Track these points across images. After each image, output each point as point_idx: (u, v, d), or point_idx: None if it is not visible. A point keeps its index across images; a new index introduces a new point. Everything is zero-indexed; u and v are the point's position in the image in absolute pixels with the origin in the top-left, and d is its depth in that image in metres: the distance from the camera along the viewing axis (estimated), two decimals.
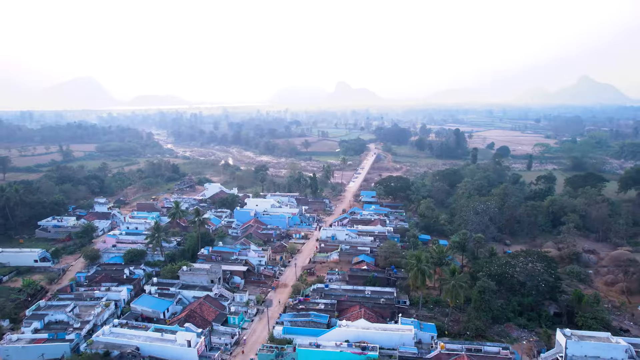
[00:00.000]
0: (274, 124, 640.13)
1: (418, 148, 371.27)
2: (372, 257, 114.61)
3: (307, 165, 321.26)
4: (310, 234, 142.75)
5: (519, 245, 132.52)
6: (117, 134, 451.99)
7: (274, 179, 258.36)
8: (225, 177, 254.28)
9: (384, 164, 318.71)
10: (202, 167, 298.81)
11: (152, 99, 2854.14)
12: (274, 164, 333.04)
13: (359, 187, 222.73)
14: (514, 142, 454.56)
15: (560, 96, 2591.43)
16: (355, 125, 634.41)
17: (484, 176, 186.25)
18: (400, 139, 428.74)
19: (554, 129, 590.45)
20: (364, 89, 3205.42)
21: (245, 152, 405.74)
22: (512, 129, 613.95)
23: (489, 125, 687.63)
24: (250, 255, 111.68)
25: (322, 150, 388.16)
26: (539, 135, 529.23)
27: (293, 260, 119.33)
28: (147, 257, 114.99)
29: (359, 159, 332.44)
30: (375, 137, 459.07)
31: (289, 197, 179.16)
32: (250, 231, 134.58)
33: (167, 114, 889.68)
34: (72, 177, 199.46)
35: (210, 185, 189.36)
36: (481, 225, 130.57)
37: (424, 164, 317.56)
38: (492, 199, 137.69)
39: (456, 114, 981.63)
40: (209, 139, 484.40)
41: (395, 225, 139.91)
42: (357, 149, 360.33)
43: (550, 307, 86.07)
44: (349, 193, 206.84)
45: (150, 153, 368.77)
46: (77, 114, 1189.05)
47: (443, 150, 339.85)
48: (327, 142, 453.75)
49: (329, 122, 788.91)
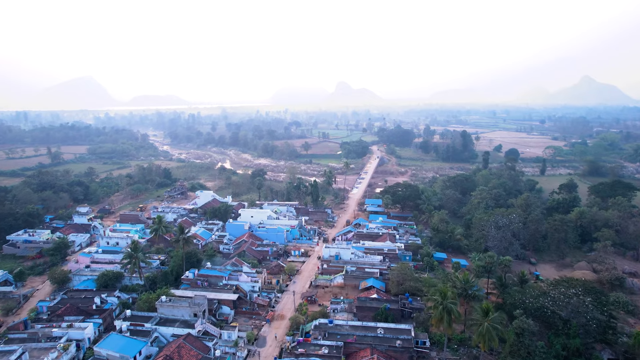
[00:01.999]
0: (274, 125, 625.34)
1: (423, 150, 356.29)
2: (383, 281, 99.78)
3: (307, 168, 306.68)
4: (311, 250, 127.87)
5: (545, 265, 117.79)
6: (111, 136, 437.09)
7: (272, 185, 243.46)
8: (221, 182, 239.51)
9: (387, 168, 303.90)
10: (197, 170, 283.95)
11: (152, 99, 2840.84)
12: (273, 167, 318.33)
13: (364, 194, 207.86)
14: (521, 144, 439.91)
15: (561, 96, 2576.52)
16: (356, 126, 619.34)
17: (499, 183, 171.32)
18: (404, 141, 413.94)
19: (561, 130, 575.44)
20: (364, 89, 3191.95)
21: (243, 154, 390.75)
22: (517, 130, 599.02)
23: (493, 127, 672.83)
24: (242, 280, 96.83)
25: (322, 152, 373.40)
26: (546, 137, 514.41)
27: (291, 284, 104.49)
28: (124, 281, 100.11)
29: (361, 162, 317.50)
30: (378, 139, 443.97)
31: (287, 206, 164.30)
32: (243, 248, 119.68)
33: (165, 115, 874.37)
34: (54, 183, 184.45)
35: (202, 193, 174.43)
36: (503, 242, 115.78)
37: (429, 168, 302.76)
38: (514, 212, 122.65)
39: (458, 114, 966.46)
40: (206, 141, 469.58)
41: (406, 241, 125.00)
42: (359, 151, 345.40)
43: (604, 352, 71.17)
44: (352, 201, 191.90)
45: (144, 155, 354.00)
46: (74, 114, 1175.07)
47: (449, 153, 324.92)
48: (328, 143, 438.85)
49: (330, 122, 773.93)
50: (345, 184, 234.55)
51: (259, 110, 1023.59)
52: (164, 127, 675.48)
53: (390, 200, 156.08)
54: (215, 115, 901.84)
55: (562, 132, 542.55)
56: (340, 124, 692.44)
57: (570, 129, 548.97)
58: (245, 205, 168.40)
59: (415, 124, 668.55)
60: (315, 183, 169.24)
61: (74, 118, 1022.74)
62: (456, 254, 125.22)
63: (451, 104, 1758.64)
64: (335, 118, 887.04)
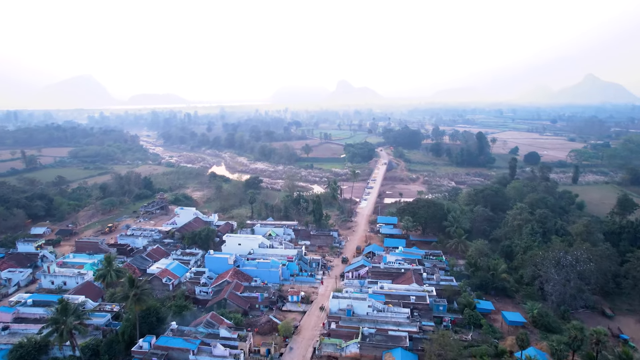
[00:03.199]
0: (273, 125, 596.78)
1: (434, 153, 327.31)
2: (415, 353, 71.29)
3: (307, 174, 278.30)
4: (314, 292, 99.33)
5: (625, 318, 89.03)
6: (98, 137, 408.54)
7: (268, 195, 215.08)
8: (210, 192, 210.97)
9: (397, 173, 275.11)
10: (186, 177, 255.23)
11: (151, 97, 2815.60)
12: (270, 173, 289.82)
13: (374, 207, 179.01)
14: (537, 145, 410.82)
15: (564, 95, 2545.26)
16: (359, 126, 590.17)
17: (538, 199, 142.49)
18: (412, 143, 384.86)
19: (575, 130, 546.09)
20: (366, 88, 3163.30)
21: (238, 157, 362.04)
22: (528, 131, 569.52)
23: (502, 126, 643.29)
24: (218, 353, 68.32)
25: (324, 155, 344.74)
26: (561, 137, 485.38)
27: (287, 352, 75.96)
28: (52, 352, 71.67)
29: (368, 168, 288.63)
30: (384, 141, 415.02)
31: (284, 227, 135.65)
32: (225, 293, 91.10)
33: (161, 114, 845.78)
34: (7, 197, 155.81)
35: (182, 210, 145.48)
36: (568, 288, 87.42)
37: (443, 174, 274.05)
38: (581, 246, 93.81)
39: (463, 113, 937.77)
40: (200, 142, 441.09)
41: (437, 282, 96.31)
42: (365, 154, 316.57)
43: None
44: (361, 217, 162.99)
45: (131, 159, 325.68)
46: (69, 113, 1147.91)
47: (464, 157, 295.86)
48: (330, 145, 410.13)
49: (332, 122, 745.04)
50: (351, 193, 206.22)
51: (258, 110, 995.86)
52: (158, 127, 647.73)
53: (410, 222, 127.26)
54: (213, 114, 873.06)
55: (577, 132, 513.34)
56: (342, 123, 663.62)
57: (586, 129, 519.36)
58: (233, 227, 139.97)
59: (421, 124, 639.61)
60: (318, 200, 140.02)
61: (68, 117, 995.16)
62: (500, 297, 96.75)
63: (454, 103, 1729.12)
64: (337, 117, 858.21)
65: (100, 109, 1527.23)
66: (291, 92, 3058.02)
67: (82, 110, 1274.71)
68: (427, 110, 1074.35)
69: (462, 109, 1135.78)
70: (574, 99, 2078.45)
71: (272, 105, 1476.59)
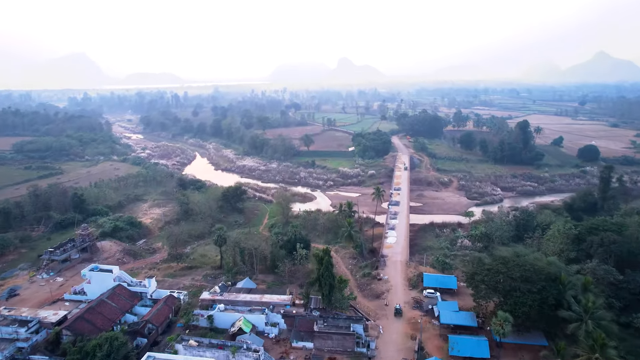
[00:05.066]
0: (269, 108, 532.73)
1: (464, 146, 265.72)
2: None
3: (308, 175, 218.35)
4: None
5: None
6: (61, 124, 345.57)
7: (251, 215, 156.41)
8: (173, 210, 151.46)
9: (422, 174, 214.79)
10: (148, 183, 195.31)
11: (147, 76, 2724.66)
12: (261, 173, 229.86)
13: (408, 242, 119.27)
14: (577, 133, 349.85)
15: (573, 73, 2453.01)
16: (367, 109, 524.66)
17: None
18: (432, 131, 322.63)
19: (610, 113, 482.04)
20: (367, 66, 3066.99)
21: (224, 150, 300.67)
22: (556, 114, 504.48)
23: (524, 109, 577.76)
24: None
25: (329, 147, 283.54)
26: (599, 122, 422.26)
27: None
28: None
29: (384, 166, 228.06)
30: (398, 128, 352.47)
31: (268, 309, 76.58)
32: None
33: (148, 95, 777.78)
34: None
35: (96, 274, 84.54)
36: None
37: (481, 174, 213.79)
38: None
39: (476, 93, 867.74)
40: (183, 129, 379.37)
41: None
42: (379, 147, 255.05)
43: None
44: (394, 268, 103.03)
45: (91, 154, 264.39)
46: (52, 94, 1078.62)
47: (505, 152, 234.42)
48: (335, 134, 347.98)
49: (334, 103, 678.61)
50: (368, 207, 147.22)
51: (254, 90, 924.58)
52: (142, 110, 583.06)
53: (508, 319, 66.65)
54: (205, 95, 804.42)
55: (617, 116, 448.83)
56: (347, 105, 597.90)
57: (627, 113, 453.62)
58: (180, 302, 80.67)
59: (435, 106, 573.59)
60: (327, 260, 77.95)
61: (51, 99, 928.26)
62: None
63: (461, 81, 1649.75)
64: (340, 98, 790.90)
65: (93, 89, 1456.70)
66: (291, 70, 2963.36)
67: (70, 91, 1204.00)
68: (436, 90, 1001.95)
69: (472, 88, 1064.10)
70: (584, 77, 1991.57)
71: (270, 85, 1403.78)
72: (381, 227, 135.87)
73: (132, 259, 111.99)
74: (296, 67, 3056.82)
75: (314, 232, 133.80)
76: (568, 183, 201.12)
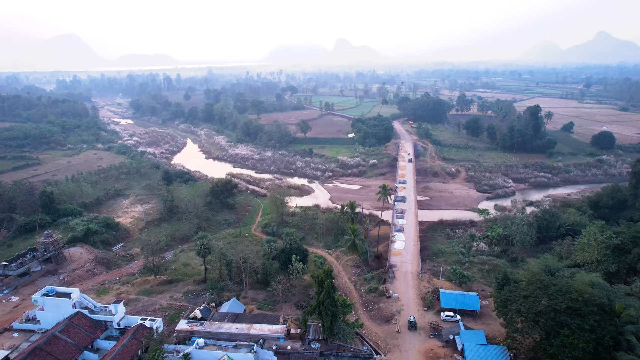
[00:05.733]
0: (264, 91, 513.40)
1: (470, 132, 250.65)
2: None
3: (305, 165, 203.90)
4: None
5: None
6: (44, 109, 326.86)
7: (243, 213, 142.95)
8: (155, 207, 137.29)
9: (426, 163, 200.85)
10: (132, 176, 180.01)
11: (141, 58, 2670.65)
12: (255, 162, 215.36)
13: (418, 246, 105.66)
14: (586, 117, 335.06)
15: (574, 54, 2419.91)
16: (366, 92, 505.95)
17: None
18: (436, 115, 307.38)
19: (618, 96, 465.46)
20: (365, 47, 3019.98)
21: (217, 136, 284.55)
22: (561, 97, 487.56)
23: (527, 91, 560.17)
24: None
25: (327, 133, 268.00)
26: (608, 105, 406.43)
27: None
28: None
29: (386, 154, 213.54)
30: (399, 112, 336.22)
31: (257, 344, 63.19)
32: None
33: (140, 77, 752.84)
34: None
35: (51, 300, 69.55)
36: None
37: (491, 164, 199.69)
38: None
39: (476, 75, 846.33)
40: (174, 114, 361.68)
41: None
42: (380, 134, 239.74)
43: None
44: (404, 281, 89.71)
45: (74, 141, 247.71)
46: (42, 76, 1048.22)
47: (515, 139, 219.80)
48: (333, 119, 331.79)
49: (332, 86, 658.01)
50: (371, 201, 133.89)
51: (249, 72, 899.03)
52: (133, 94, 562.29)
53: None
54: (199, 77, 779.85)
55: (625, 99, 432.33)
56: (345, 88, 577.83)
57: (636, 96, 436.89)
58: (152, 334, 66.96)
59: (435, 89, 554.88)
60: (328, 284, 63.62)
61: (40, 81, 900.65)
62: None
63: (461, 62, 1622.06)
64: (338, 80, 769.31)
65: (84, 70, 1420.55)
66: (287, 51, 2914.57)
67: (60, 73, 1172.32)
68: (436, 72, 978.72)
69: (473, 70, 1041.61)
70: (585, 58, 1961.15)
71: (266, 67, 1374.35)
72: (387, 225, 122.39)
73: (105, 269, 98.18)
74: (293, 48, 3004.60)
75: (311, 234, 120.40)
76: (584, 174, 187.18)
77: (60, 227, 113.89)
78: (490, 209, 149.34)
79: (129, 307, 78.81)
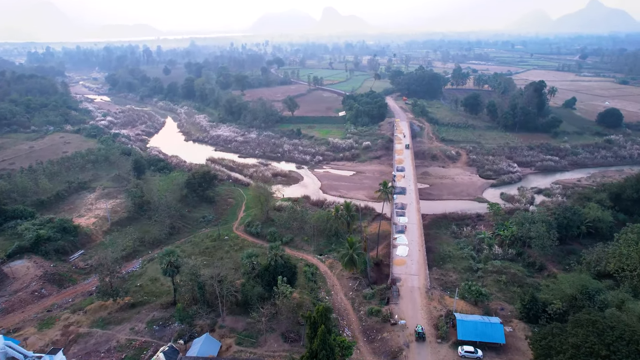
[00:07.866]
0: (249, 64, 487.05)
1: (468, 109, 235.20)
2: None
3: (293, 148, 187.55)
4: None
5: None
6: (5, 86, 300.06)
7: (223, 206, 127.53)
8: (122, 204, 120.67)
9: (424, 145, 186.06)
10: (99, 165, 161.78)
11: (121, 28, 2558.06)
12: (239, 145, 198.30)
13: (424, 253, 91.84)
14: (586, 91, 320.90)
15: (564, 23, 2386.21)
16: (356, 64, 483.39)
17: None
18: (431, 91, 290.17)
19: (616, 68, 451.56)
20: (353, 16, 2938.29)
21: (197, 115, 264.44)
22: (558, 69, 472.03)
23: (522, 63, 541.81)
24: None
25: (316, 111, 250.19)
26: (607, 78, 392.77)
27: None
28: None
29: (380, 135, 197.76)
30: (392, 87, 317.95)
31: None
32: None
33: (118, 50, 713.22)
34: None
35: None
36: None
37: (493, 145, 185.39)
38: None
39: (468, 45, 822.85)
40: (152, 90, 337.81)
41: None
42: (373, 112, 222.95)
43: None
44: (411, 299, 76.01)
45: (39, 123, 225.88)
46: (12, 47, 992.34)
47: (517, 117, 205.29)
48: (322, 94, 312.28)
49: (320, 58, 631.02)
50: (365, 190, 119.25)
51: (234, 43, 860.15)
52: (110, 67, 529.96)
53: None
54: (180, 49, 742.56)
55: (624, 72, 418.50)
56: (334, 60, 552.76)
57: (635, 68, 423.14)
58: None
59: (428, 60, 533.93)
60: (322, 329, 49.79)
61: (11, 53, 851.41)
62: None
63: (452, 32, 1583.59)
64: (327, 51, 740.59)
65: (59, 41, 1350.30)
66: (274, 20, 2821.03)
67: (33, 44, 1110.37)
68: (427, 42, 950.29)
69: (465, 40, 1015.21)
70: (576, 28, 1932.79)
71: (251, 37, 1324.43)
72: (386, 220, 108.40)
73: (56, 288, 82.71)
74: (279, 17, 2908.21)
75: (301, 235, 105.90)
76: (593, 156, 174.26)
77: (5, 234, 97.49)
78: (496, 197, 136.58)
79: (77, 345, 64.09)
